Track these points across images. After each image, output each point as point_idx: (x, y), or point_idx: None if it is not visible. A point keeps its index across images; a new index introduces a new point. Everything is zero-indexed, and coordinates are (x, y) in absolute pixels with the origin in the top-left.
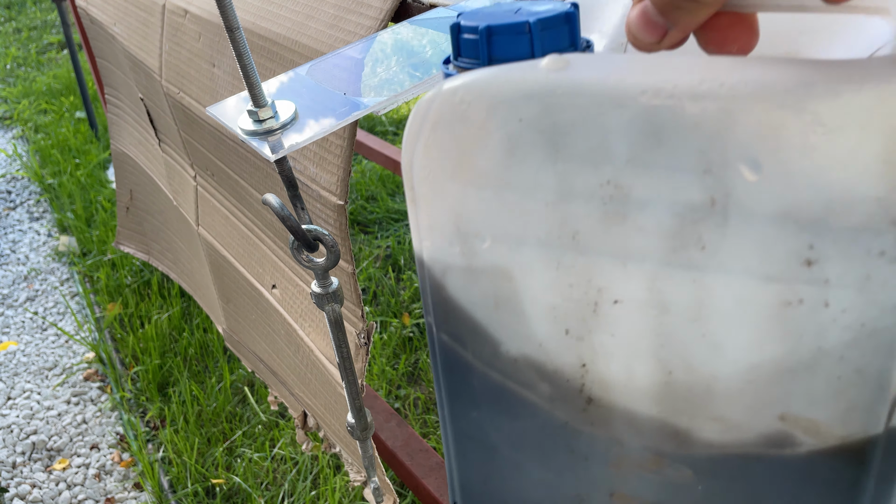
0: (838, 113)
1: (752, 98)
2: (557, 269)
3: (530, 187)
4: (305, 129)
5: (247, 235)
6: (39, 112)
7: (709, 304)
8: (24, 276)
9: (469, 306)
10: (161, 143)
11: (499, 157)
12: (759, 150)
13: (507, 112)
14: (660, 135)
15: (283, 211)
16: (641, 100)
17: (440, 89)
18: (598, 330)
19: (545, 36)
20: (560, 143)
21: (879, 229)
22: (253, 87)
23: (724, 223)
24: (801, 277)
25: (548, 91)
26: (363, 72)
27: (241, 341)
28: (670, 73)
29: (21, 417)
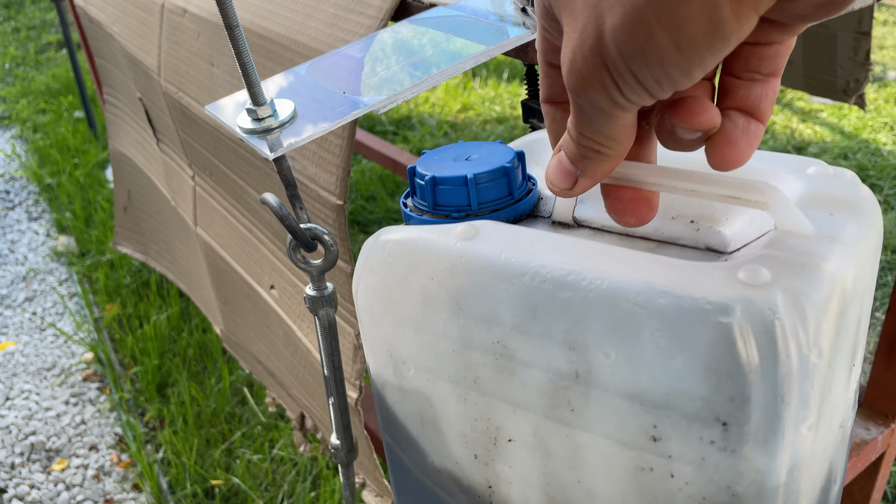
0: (673, 319)
1: (606, 294)
2: (465, 403)
3: (440, 334)
4: (304, 128)
5: (245, 236)
6: (38, 112)
7: (581, 456)
8: (22, 277)
9: (403, 419)
10: (159, 142)
11: (416, 305)
12: (611, 339)
13: (423, 270)
14: (536, 311)
15: (281, 210)
16: (523, 280)
17: (377, 239)
18: (498, 460)
19: (482, 189)
20: (462, 303)
21: (707, 422)
22: (252, 85)
23: (586, 393)
24: (650, 449)
25: (454, 258)
26: (363, 71)
27: (238, 342)
28: (549, 258)
29: (20, 418)
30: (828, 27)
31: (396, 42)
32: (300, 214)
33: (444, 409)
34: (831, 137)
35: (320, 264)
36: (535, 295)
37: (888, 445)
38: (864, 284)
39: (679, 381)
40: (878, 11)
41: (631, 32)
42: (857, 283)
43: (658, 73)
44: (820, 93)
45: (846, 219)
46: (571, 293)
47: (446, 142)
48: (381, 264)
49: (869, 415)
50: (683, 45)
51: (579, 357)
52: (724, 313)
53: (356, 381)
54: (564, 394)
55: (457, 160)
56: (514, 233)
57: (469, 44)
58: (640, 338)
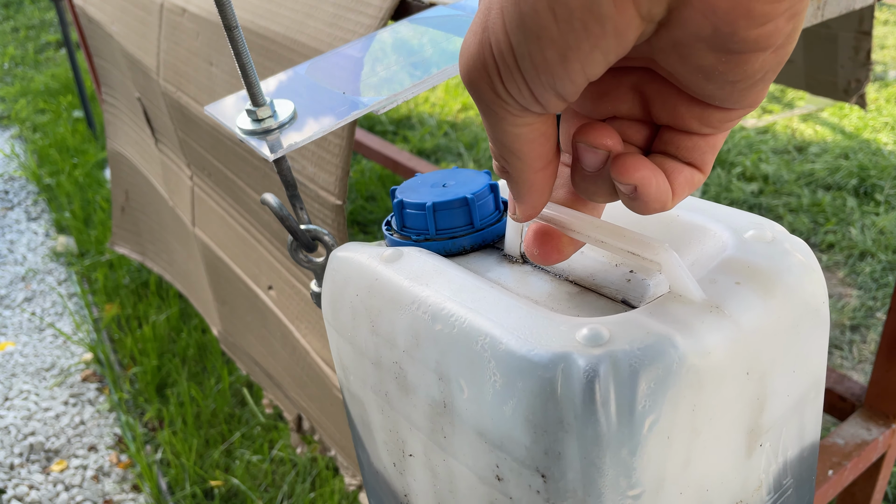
0: (508, 366)
1: (466, 332)
2: (382, 413)
3: (363, 348)
4: (304, 129)
5: (243, 236)
6: (37, 111)
7: (455, 482)
8: (21, 277)
9: (353, 419)
10: (158, 142)
11: (348, 318)
12: (466, 375)
13: (351, 287)
14: (419, 338)
15: (281, 211)
16: (412, 308)
17: (334, 254)
18: (407, 472)
19: (440, 216)
20: (374, 321)
21: (532, 471)
22: (251, 86)
23: (452, 423)
24: (497, 487)
25: (372, 279)
26: (363, 71)
27: (236, 343)
28: (436, 291)
29: (19, 419)
30: (829, 27)
31: (396, 42)
32: (300, 215)
33: (373, 417)
34: (832, 137)
35: (323, 262)
36: (418, 323)
37: (889, 446)
38: (764, 360)
39: (509, 426)
40: (878, 11)
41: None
42: (739, 359)
43: (536, 54)
44: (821, 92)
45: (750, 292)
46: (442, 326)
47: (446, 142)
48: (330, 278)
49: (870, 415)
50: (560, 13)
51: (445, 387)
52: (548, 368)
53: None
54: (439, 420)
55: (434, 186)
56: (430, 263)
57: None
58: (484, 379)
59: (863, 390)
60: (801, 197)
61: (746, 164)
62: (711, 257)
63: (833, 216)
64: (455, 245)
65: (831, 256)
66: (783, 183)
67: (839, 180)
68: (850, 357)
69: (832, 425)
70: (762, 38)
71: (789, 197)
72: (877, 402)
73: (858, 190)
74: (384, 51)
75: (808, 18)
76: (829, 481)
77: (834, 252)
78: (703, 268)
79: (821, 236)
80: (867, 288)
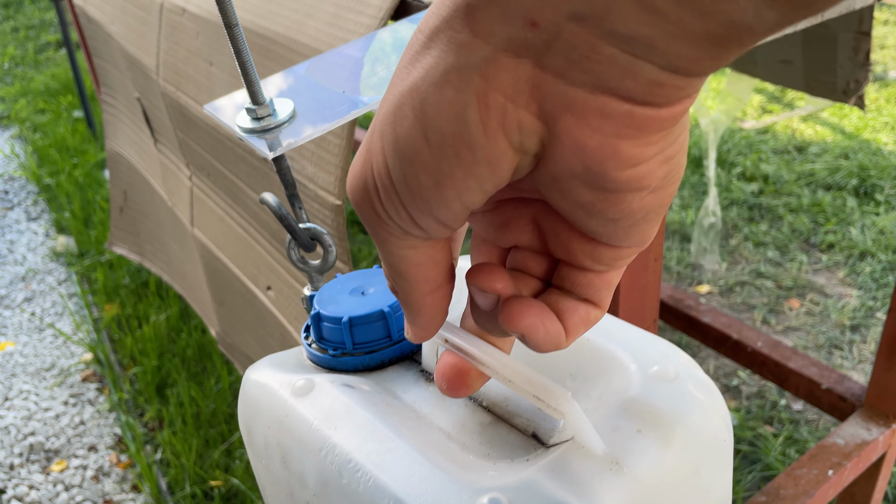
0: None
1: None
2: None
3: (276, 477)
4: (304, 128)
5: (242, 236)
6: (37, 111)
7: None
8: (21, 277)
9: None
10: (157, 143)
11: (262, 446)
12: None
13: (264, 417)
14: (328, 486)
15: (280, 210)
16: (321, 454)
17: (247, 374)
18: None
19: (357, 330)
20: (286, 457)
21: None
22: (251, 84)
23: None
24: None
25: (283, 414)
26: (363, 70)
27: (233, 344)
28: (345, 437)
29: (19, 419)
30: (828, 27)
31: (396, 41)
32: (299, 214)
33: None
34: (832, 137)
35: (318, 265)
36: (326, 472)
37: (889, 446)
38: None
39: None
40: (878, 11)
41: (391, 120)
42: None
43: (411, 178)
44: (820, 93)
45: (651, 442)
46: (348, 481)
47: None
48: (243, 401)
49: (870, 415)
50: (432, 138)
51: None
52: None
53: None
54: None
55: (354, 293)
56: (340, 400)
57: None
58: None
59: (863, 390)
60: (802, 197)
61: (746, 164)
62: (616, 394)
63: (833, 216)
64: (373, 360)
65: (831, 256)
66: (783, 183)
67: (839, 180)
68: (850, 357)
69: (832, 425)
70: (634, 179)
71: (789, 197)
72: (877, 402)
73: (858, 190)
74: (384, 50)
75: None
76: (829, 481)
77: (834, 252)
78: (608, 407)
79: (821, 236)
80: (867, 288)
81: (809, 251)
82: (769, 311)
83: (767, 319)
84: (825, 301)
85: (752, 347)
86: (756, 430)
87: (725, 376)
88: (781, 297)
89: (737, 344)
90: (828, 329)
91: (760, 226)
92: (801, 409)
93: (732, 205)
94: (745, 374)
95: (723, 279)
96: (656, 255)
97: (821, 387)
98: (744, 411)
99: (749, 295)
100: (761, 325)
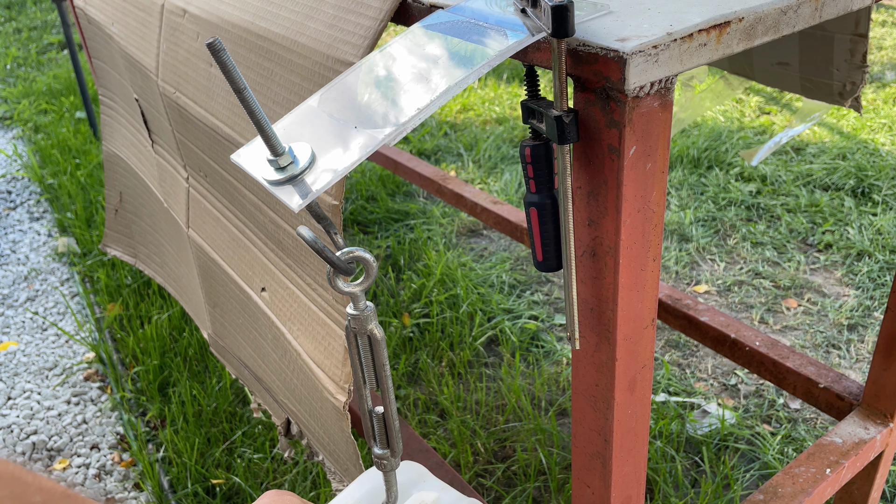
0: None
1: None
2: None
3: None
4: (324, 171)
5: (237, 237)
6: (39, 112)
7: None
8: (24, 277)
9: None
10: (154, 144)
11: None
12: None
13: None
14: None
15: (316, 244)
16: None
17: None
18: None
19: None
20: None
21: None
22: (268, 138)
23: None
24: None
25: None
26: (369, 99)
27: (226, 346)
28: None
29: (21, 417)
30: (824, 29)
31: (396, 65)
32: (336, 240)
33: None
34: (830, 138)
35: (364, 284)
36: None
37: (887, 444)
38: None
39: None
40: (875, 12)
41: None
42: None
43: None
44: (816, 95)
45: None
46: None
47: (446, 142)
48: None
49: (867, 414)
50: None
51: None
52: None
53: (344, 384)
54: None
55: None
56: None
57: (468, 57)
58: None
59: (860, 389)
60: (799, 197)
61: (744, 164)
62: None
63: (831, 216)
64: None
65: (829, 256)
66: (781, 183)
67: (837, 181)
68: (847, 356)
69: (830, 424)
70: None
71: (787, 197)
72: (874, 401)
73: (856, 190)
74: (381, 75)
75: (806, 19)
76: (827, 480)
77: (832, 252)
78: None
79: (818, 236)
80: (865, 287)
81: (807, 251)
82: (767, 310)
83: (765, 319)
84: (823, 301)
85: (750, 347)
86: (754, 428)
87: (723, 375)
88: (779, 297)
89: (735, 343)
90: (825, 328)
91: (758, 226)
92: (798, 408)
93: (730, 205)
94: (743, 373)
95: (721, 279)
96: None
97: (818, 386)
98: (742, 410)
99: (747, 294)
100: (759, 325)
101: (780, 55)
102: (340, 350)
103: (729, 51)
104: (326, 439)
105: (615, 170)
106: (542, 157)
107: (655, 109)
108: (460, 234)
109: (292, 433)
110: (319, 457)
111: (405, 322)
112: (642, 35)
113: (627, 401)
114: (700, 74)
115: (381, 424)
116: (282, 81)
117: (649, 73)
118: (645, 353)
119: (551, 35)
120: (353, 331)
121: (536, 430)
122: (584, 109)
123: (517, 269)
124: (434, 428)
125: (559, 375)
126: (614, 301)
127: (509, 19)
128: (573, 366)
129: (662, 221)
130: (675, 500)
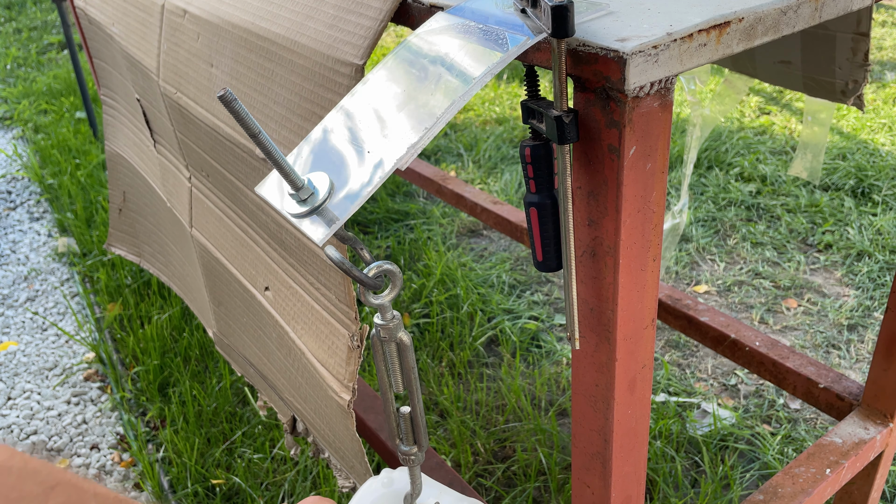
0: None
1: None
2: None
3: None
4: (344, 198)
5: (240, 237)
6: (40, 112)
7: None
8: (24, 277)
9: None
10: (156, 144)
11: None
12: None
13: None
14: None
15: (344, 264)
16: None
17: None
18: None
19: None
20: None
21: None
22: (287, 175)
23: None
24: None
25: None
26: (376, 123)
27: (231, 345)
28: None
29: (21, 417)
30: (826, 28)
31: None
32: (363, 255)
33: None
34: (830, 138)
35: (391, 294)
36: None
37: (886, 444)
38: None
39: None
40: (876, 12)
41: None
42: None
43: None
44: (818, 94)
45: None
46: None
47: (446, 142)
48: None
49: (867, 414)
50: None
51: None
52: None
53: (349, 382)
54: None
55: None
56: None
57: (470, 68)
58: None
59: (860, 389)
60: (799, 197)
61: (744, 164)
62: None
63: (831, 216)
64: None
65: (829, 256)
66: (781, 183)
67: (837, 181)
68: (847, 356)
69: (830, 424)
70: None
71: (787, 197)
72: (874, 402)
73: (856, 190)
74: (380, 94)
75: (806, 19)
76: (827, 480)
77: (832, 252)
78: None
79: (818, 236)
80: (865, 288)
81: (807, 251)
82: (767, 310)
83: (765, 319)
84: (823, 301)
85: (750, 347)
86: (754, 428)
87: (723, 375)
88: (779, 297)
89: (735, 343)
90: (825, 328)
91: (758, 226)
92: (798, 408)
93: (730, 205)
94: (743, 373)
95: (721, 279)
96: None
97: (818, 386)
98: (742, 410)
99: (747, 294)
100: (759, 325)
101: (782, 54)
102: (344, 349)
103: (729, 51)
104: (332, 437)
105: (615, 170)
106: (542, 158)
107: (655, 109)
108: (460, 234)
109: (298, 431)
110: (325, 454)
111: (405, 322)
112: (642, 35)
113: (627, 401)
114: (702, 74)
115: (409, 423)
116: (282, 81)
117: (649, 73)
118: (645, 353)
119: (551, 35)
120: (383, 340)
121: (536, 431)
122: (584, 109)
123: (517, 269)
124: (434, 428)
125: (559, 375)
126: (614, 301)
127: (510, 20)
128: (573, 366)
129: (662, 221)
130: (674, 500)
